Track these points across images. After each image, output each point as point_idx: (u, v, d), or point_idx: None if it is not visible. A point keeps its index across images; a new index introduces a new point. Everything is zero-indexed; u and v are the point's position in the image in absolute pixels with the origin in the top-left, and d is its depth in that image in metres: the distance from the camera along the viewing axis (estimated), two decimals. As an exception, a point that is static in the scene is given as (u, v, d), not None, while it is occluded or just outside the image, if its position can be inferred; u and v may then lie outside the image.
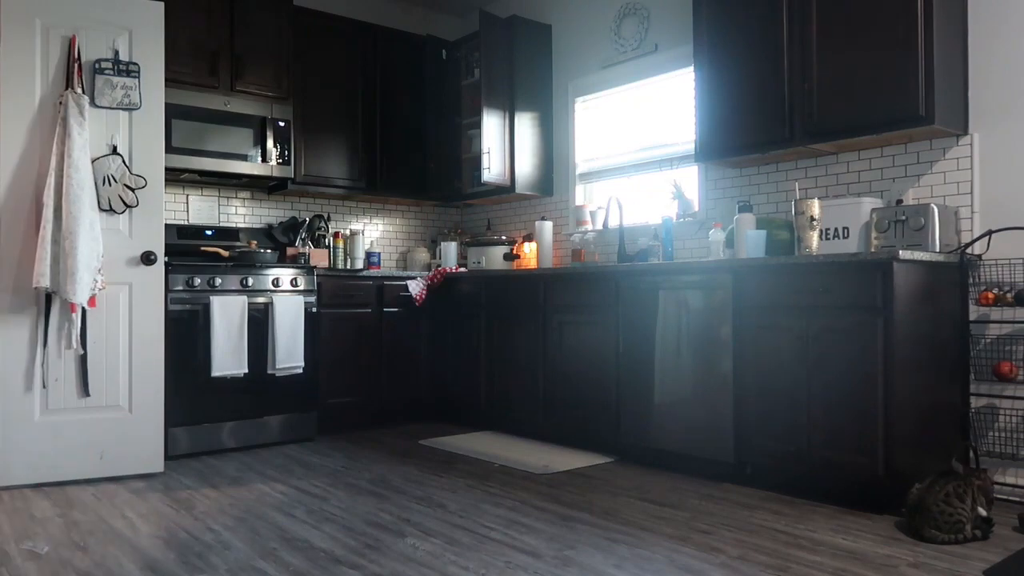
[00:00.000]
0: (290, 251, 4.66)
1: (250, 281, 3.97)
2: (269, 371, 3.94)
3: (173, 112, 3.93)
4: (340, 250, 4.93)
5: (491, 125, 4.71)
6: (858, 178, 3.45)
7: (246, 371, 3.83)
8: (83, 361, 3.29)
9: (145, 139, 3.44)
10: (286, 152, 4.45)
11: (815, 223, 3.13)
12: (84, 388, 3.29)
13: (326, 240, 4.87)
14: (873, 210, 3.14)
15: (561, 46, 4.89)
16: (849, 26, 3.12)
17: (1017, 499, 2.88)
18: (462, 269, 4.77)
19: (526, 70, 4.84)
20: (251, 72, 4.34)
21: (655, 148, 4.39)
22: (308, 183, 4.68)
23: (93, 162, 3.28)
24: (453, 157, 5.12)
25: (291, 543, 2.47)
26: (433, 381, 4.70)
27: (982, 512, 2.46)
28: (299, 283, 4.14)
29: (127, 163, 3.38)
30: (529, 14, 4.93)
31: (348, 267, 4.93)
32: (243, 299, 3.88)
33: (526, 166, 4.83)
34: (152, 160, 3.45)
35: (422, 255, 5.30)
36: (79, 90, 3.26)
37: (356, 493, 3.08)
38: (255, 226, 4.76)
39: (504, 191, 4.86)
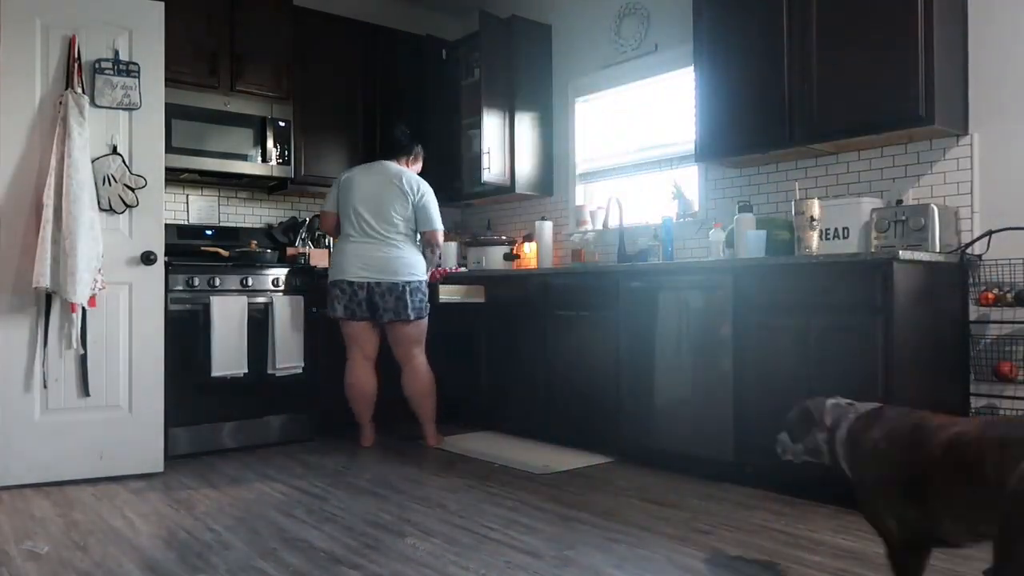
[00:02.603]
0: (290, 251, 4.65)
1: (250, 281, 3.97)
2: (269, 371, 3.94)
3: (173, 112, 3.93)
4: (340, 250, 4.92)
5: (491, 125, 4.71)
6: (858, 178, 3.45)
7: (246, 371, 3.83)
8: (83, 361, 3.29)
9: (145, 139, 3.44)
10: (286, 152, 4.45)
11: (815, 223, 3.13)
12: (84, 388, 3.29)
13: (326, 240, 4.86)
14: (873, 210, 3.14)
15: (561, 46, 4.89)
16: (849, 26, 3.12)
17: (1017, 499, 2.87)
18: (462, 269, 4.77)
19: (526, 70, 4.84)
20: (251, 72, 4.34)
21: (655, 148, 4.39)
22: (308, 183, 4.69)
23: (93, 162, 3.28)
24: (453, 157, 5.12)
25: (291, 543, 2.47)
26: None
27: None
28: (299, 283, 4.14)
29: (127, 163, 3.38)
30: (529, 14, 4.93)
31: (348, 267, 4.92)
32: (243, 299, 3.88)
33: (526, 166, 4.83)
34: (152, 160, 3.45)
35: (422, 255, 5.29)
36: (79, 90, 3.26)
37: (356, 493, 3.08)
38: (255, 226, 4.76)
39: (504, 191, 4.86)
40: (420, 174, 4.10)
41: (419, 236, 3.96)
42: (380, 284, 3.80)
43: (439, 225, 3.95)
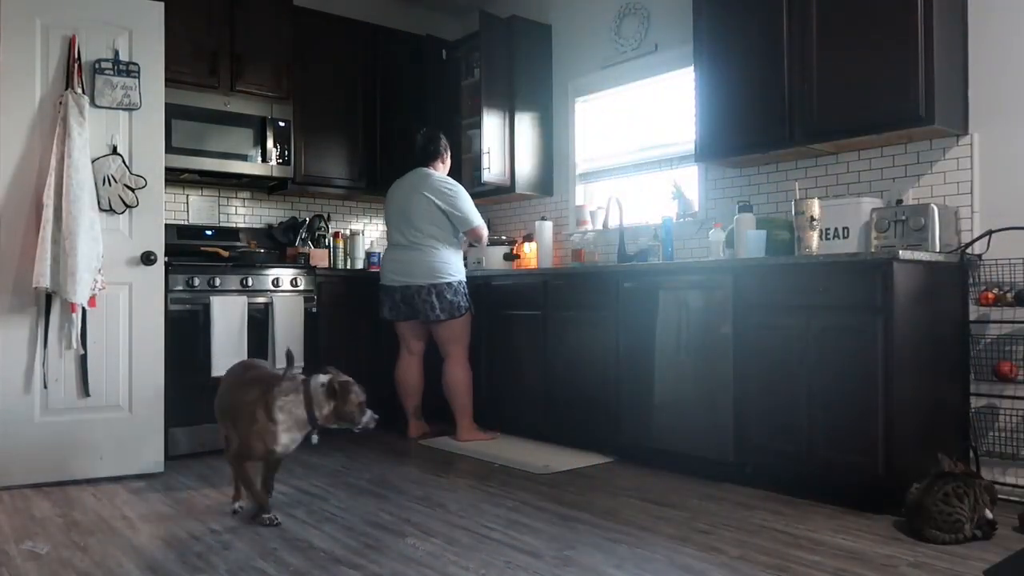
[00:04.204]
0: (290, 251, 4.66)
1: (250, 281, 3.97)
2: (269, 371, 3.93)
3: (173, 112, 3.93)
4: (340, 250, 4.93)
5: (491, 125, 4.71)
6: (858, 178, 3.45)
7: (246, 371, 3.83)
8: (83, 361, 3.29)
9: (145, 139, 3.44)
10: (286, 152, 4.45)
11: (815, 223, 3.13)
12: (84, 388, 3.29)
13: (326, 240, 4.87)
14: (873, 210, 3.14)
15: (561, 46, 4.89)
16: (849, 26, 3.12)
17: (1017, 499, 2.88)
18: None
19: (526, 70, 4.84)
20: (251, 72, 4.34)
21: (655, 148, 4.39)
22: (308, 183, 4.69)
23: (93, 162, 3.27)
24: (453, 157, 5.11)
25: (291, 543, 2.47)
26: (432, 381, 4.69)
27: (988, 515, 2.45)
28: (299, 283, 4.15)
29: (127, 163, 3.38)
30: (529, 14, 4.93)
31: (348, 267, 4.93)
32: (243, 299, 3.88)
33: (526, 166, 4.83)
34: (152, 160, 3.45)
35: (422, 255, 5.28)
36: (79, 90, 3.26)
37: (356, 493, 3.08)
38: (255, 226, 4.76)
39: (504, 191, 4.86)
40: (452, 164, 4.31)
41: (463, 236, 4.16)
42: (409, 287, 4.03)
43: (476, 221, 4.08)
